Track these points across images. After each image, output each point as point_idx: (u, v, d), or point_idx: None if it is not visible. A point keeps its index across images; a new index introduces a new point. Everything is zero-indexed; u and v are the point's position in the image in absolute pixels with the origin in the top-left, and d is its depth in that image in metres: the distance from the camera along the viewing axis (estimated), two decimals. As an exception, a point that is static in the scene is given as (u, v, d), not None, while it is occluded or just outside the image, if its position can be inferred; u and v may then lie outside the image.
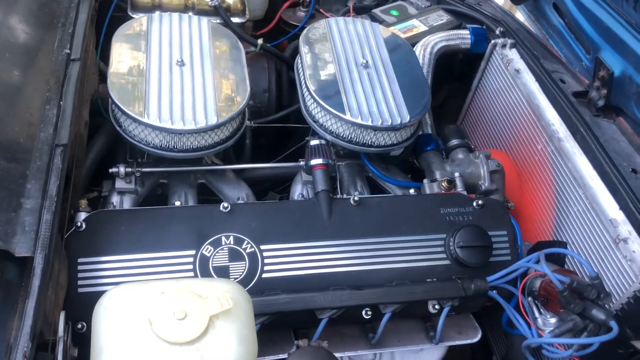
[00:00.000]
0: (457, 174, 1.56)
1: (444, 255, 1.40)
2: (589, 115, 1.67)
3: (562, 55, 2.03)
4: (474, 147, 1.69)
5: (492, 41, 1.91)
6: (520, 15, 2.40)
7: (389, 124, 1.42)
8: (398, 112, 1.45)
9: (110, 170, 1.44)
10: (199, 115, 1.35)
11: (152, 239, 1.30)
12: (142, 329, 0.92)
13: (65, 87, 1.22)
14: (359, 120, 1.41)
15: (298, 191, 1.56)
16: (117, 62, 1.41)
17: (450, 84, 2.16)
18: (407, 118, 1.44)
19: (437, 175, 1.57)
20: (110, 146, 1.52)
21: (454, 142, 1.67)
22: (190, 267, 1.29)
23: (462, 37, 1.93)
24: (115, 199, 1.45)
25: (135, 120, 1.33)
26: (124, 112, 1.33)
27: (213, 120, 1.35)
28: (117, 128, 1.40)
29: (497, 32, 1.93)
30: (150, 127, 1.33)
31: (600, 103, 1.78)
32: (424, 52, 1.84)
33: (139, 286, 0.99)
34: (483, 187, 1.59)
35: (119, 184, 1.45)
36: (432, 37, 1.90)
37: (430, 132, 1.70)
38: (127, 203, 1.46)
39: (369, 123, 1.41)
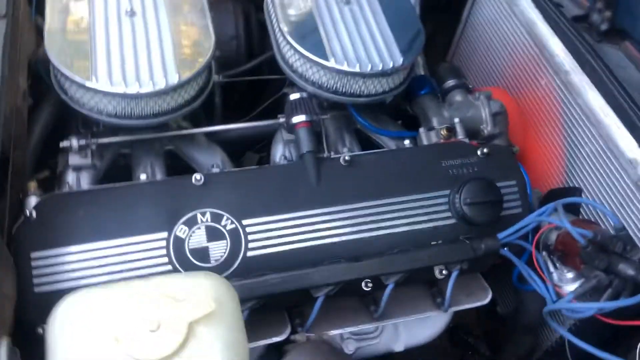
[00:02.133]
0: (456, 120, 1.39)
1: (448, 214, 1.25)
2: (592, 42, 1.50)
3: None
4: (472, 86, 1.51)
5: (485, -34, 1.71)
6: None
7: (380, 68, 1.23)
8: (389, 54, 1.25)
9: (61, 144, 1.24)
10: (157, 75, 1.15)
11: (116, 223, 1.13)
12: (107, 349, 0.75)
13: (-11, 53, 1.01)
14: (344, 67, 1.21)
15: (279, 152, 1.38)
16: (54, 16, 1.19)
17: (436, 16, 1.95)
18: (399, 60, 1.25)
19: (435, 122, 1.40)
20: (58, 116, 1.31)
21: (451, 82, 1.49)
22: (164, 251, 1.12)
23: (450, -39, 1.72)
24: (70, 178, 1.26)
25: (81, 85, 1.12)
26: (67, 77, 1.12)
27: (174, 79, 1.15)
28: (63, 96, 1.19)
29: (489, -46, 1.72)
30: (100, 92, 1.12)
31: (604, 27, 1.61)
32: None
33: (99, 293, 0.82)
34: (485, 131, 1.43)
35: (73, 159, 1.25)
36: (417, -37, 1.69)
37: (422, 72, 1.51)
38: (85, 180, 1.27)
39: (357, 69, 1.21)
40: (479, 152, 1.30)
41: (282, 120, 1.36)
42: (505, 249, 1.24)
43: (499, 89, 1.67)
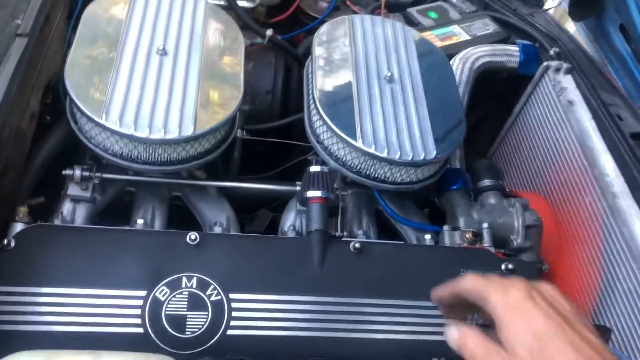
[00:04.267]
0: (485, 225, 1.27)
1: (458, 329, 1.12)
2: (650, 165, 1.37)
3: (622, 86, 1.73)
4: (509, 190, 1.40)
5: (545, 63, 1.61)
6: (571, 26, 2.09)
7: (410, 158, 1.13)
8: (422, 144, 1.16)
9: (63, 172, 1.17)
10: (171, 123, 1.07)
11: (95, 270, 1.04)
12: None
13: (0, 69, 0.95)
14: (372, 150, 1.12)
15: (290, 221, 1.28)
16: (82, 43, 1.14)
17: (488, 103, 1.86)
18: (432, 153, 1.15)
19: (461, 222, 1.28)
20: (69, 142, 1.25)
21: (486, 182, 1.38)
22: (138, 311, 1.02)
23: (510, 53, 1.63)
24: (66, 208, 1.19)
25: (91, 120, 1.05)
26: (78, 107, 1.06)
27: (188, 131, 1.07)
28: (72, 124, 1.13)
29: (552, 52, 1.63)
30: (108, 130, 1.05)
31: (666, 149, 1.48)
32: (462, 67, 1.55)
33: (40, 362, 0.73)
34: (515, 243, 1.30)
35: (72, 189, 1.18)
36: (474, 49, 1.61)
37: (458, 166, 1.40)
38: (80, 214, 1.19)
39: (385, 155, 1.12)
40: (503, 267, 1.18)
41: (299, 188, 1.27)
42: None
43: (538, 197, 1.55)
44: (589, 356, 0.60)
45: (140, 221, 1.18)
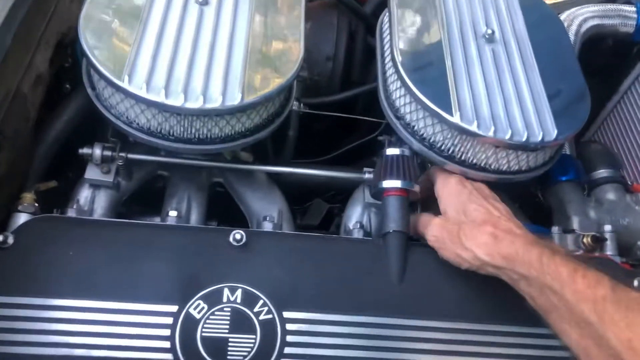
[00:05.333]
0: (607, 227, 0.99)
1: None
2: None
3: None
4: (631, 183, 1.11)
5: (669, 27, 1.30)
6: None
7: (523, 139, 0.85)
8: (539, 121, 0.88)
9: (80, 151, 0.95)
10: (212, 89, 0.83)
11: (114, 277, 0.81)
12: None
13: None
14: (473, 128, 0.84)
15: (356, 217, 1.03)
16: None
17: (587, 78, 1.55)
18: (552, 133, 0.87)
19: (576, 223, 1.00)
20: (89, 114, 1.02)
21: (603, 172, 1.09)
22: (167, 332, 0.79)
23: (625, 14, 1.32)
24: (83, 195, 0.97)
25: (110, 83, 0.82)
26: (95, 68, 0.82)
27: (234, 99, 0.82)
28: (89, 90, 0.90)
29: (677, 14, 1.32)
30: (131, 96, 0.81)
31: None
32: (567, 31, 1.25)
33: None
34: (643, 251, 1.02)
35: (91, 172, 0.96)
36: (580, 9, 1.30)
37: (568, 151, 1.12)
38: (100, 203, 0.98)
39: (491, 134, 0.85)
40: (636, 283, 0.90)
41: (367, 176, 1.02)
42: None
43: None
44: (497, 217, 0.82)
45: (173, 213, 0.95)
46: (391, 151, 0.92)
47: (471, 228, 0.81)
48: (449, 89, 0.87)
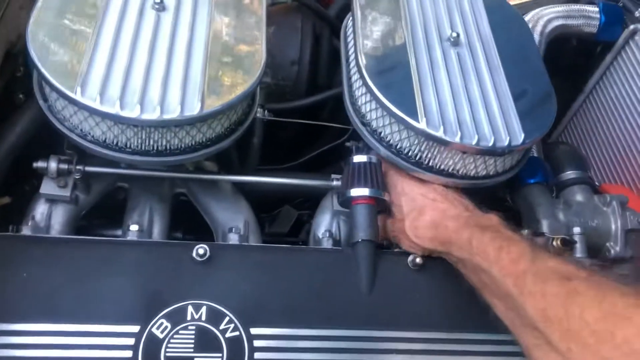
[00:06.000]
0: (577, 230, 0.99)
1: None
2: None
3: None
4: (598, 184, 1.11)
5: (631, 26, 1.31)
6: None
7: (490, 144, 0.84)
8: (505, 125, 0.87)
9: (34, 164, 0.91)
10: (170, 98, 0.79)
11: (70, 298, 0.77)
12: None
13: None
14: (439, 134, 0.83)
15: (324, 225, 1.01)
16: (53, -5, 0.86)
17: (551, 78, 1.55)
18: (519, 137, 0.86)
19: (545, 226, 1.00)
20: (43, 126, 0.98)
21: (571, 174, 1.09)
22: (129, 354, 0.76)
23: (588, 15, 1.33)
24: (39, 211, 0.93)
25: (62, 94, 0.78)
26: (46, 80, 0.78)
27: (193, 109, 0.79)
28: (40, 101, 0.86)
29: (638, 13, 1.33)
30: (85, 108, 0.78)
31: None
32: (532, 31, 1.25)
33: None
34: (612, 251, 1.02)
35: (47, 187, 0.92)
36: (545, 10, 1.30)
37: (535, 153, 1.11)
38: (58, 218, 0.93)
39: (457, 140, 0.83)
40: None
41: (335, 183, 0.99)
42: None
43: (626, 192, 1.26)
44: (431, 200, 0.87)
45: (134, 227, 0.91)
46: (358, 159, 0.90)
47: (412, 220, 0.86)
48: (414, 95, 0.86)
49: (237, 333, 0.78)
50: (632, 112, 1.30)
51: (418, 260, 0.86)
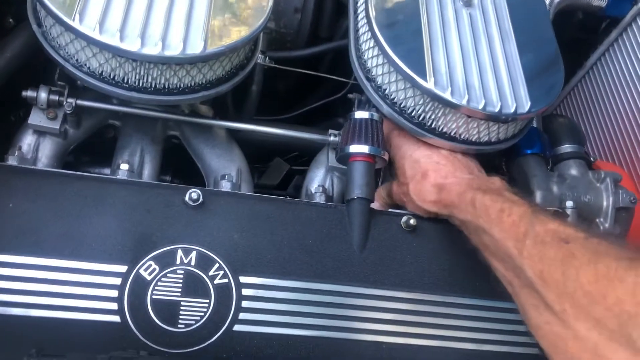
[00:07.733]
0: (569, 203, 0.99)
1: (529, 339, 0.86)
2: None
3: None
4: (593, 159, 1.11)
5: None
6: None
7: (496, 110, 0.83)
8: (513, 92, 0.85)
9: (23, 93, 0.87)
10: (172, 35, 0.76)
11: (58, 233, 0.76)
12: None
13: None
14: (446, 95, 0.81)
15: (318, 180, 1.00)
16: None
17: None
18: (525, 105, 0.85)
19: (539, 198, 1.00)
20: (35, 53, 0.93)
21: (567, 147, 1.09)
22: (114, 293, 0.75)
23: (598, -12, 1.31)
24: (26, 142, 0.90)
25: (59, 20, 0.74)
26: (42, 4, 0.74)
27: (196, 48, 0.76)
28: (34, 27, 0.82)
29: (649, -10, 1.31)
30: (82, 37, 0.74)
31: None
32: None
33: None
34: (602, 227, 1.03)
35: (36, 118, 0.89)
36: (555, -20, 1.28)
37: (534, 124, 1.10)
38: (45, 151, 0.91)
39: (464, 103, 0.82)
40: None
41: (333, 139, 0.98)
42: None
43: (616, 168, 1.27)
44: (435, 162, 0.87)
45: (124, 166, 0.89)
46: (360, 114, 0.88)
47: (415, 184, 0.86)
48: (424, 53, 0.83)
49: (226, 280, 0.78)
50: (631, 91, 1.30)
51: (412, 221, 0.86)
